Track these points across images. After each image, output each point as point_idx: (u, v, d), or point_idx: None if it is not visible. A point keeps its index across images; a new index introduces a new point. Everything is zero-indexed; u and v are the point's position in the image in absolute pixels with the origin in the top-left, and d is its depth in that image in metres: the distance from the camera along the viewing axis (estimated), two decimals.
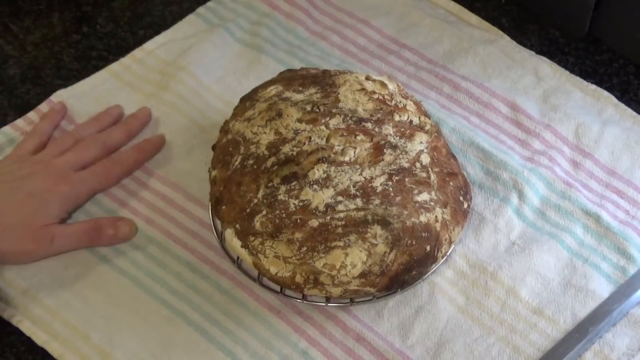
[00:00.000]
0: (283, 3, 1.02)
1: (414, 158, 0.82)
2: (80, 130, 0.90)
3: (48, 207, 0.82)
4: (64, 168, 0.84)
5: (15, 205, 0.81)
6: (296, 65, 0.94)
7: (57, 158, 0.85)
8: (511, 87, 0.94)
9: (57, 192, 0.83)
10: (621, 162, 0.88)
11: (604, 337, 0.78)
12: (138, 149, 0.89)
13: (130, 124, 0.91)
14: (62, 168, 0.84)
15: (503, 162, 0.87)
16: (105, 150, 0.88)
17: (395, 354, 0.78)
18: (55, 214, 0.82)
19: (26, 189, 0.82)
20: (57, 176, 0.83)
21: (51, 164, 0.85)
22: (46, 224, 0.81)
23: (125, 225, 0.84)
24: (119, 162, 0.88)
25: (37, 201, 0.81)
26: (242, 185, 0.81)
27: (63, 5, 1.04)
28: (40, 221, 0.81)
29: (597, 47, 0.99)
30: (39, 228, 0.81)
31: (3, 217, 0.80)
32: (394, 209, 0.78)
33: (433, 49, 0.97)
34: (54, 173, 0.84)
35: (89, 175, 0.85)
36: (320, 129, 0.82)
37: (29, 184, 0.82)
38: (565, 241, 0.84)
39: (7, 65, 0.99)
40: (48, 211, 0.82)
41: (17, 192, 0.81)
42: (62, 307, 0.81)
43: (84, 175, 0.85)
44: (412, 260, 0.78)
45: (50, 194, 0.82)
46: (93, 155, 0.87)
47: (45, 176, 0.83)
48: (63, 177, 0.84)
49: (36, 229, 0.81)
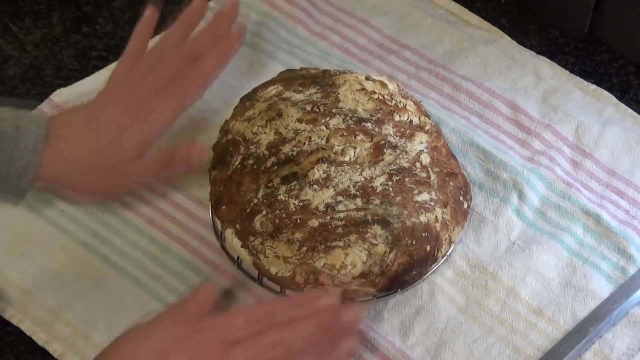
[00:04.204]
0: (283, 3, 1.02)
1: (414, 158, 0.82)
2: (165, 42, 0.84)
3: (124, 139, 0.78)
4: (146, 92, 0.80)
5: (91, 140, 0.77)
6: (296, 65, 0.94)
7: (141, 81, 0.81)
8: (511, 87, 0.94)
9: (134, 123, 0.79)
10: (621, 162, 0.88)
11: (604, 337, 0.78)
12: (218, 53, 0.83)
13: (217, 27, 0.84)
14: (143, 92, 0.80)
15: (503, 162, 0.87)
16: (190, 61, 0.82)
17: (396, 353, 0.78)
18: (133, 146, 0.79)
19: (104, 120, 0.78)
20: (136, 102, 0.79)
21: (132, 89, 0.80)
22: (119, 161, 0.78)
23: (197, 150, 0.82)
24: (199, 72, 0.82)
25: (113, 133, 0.78)
26: (242, 185, 0.81)
27: (63, 5, 1.04)
28: (115, 155, 0.78)
29: (597, 47, 0.98)
30: (113, 164, 0.78)
31: (78, 153, 0.77)
32: (394, 209, 0.78)
33: (433, 49, 0.97)
34: (134, 98, 0.79)
35: (169, 95, 0.80)
36: (320, 129, 0.82)
37: (108, 113, 0.78)
38: (566, 241, 0.84)
39: (7, 65, 0.99)
40: (124, 143, 0.78)
41: (95, 124, 0.78)
42: (63, 307, 0.81)
43: (163, 99, 0.80)
44: (412, 260, 0.78)
45: (127, 126, 0.78)
46: (175, 70, 0.81)
47: (125, 104, 0.79)
48: (142, 104, 0.79)
49: (111, 165, 0.78)
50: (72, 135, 0.78)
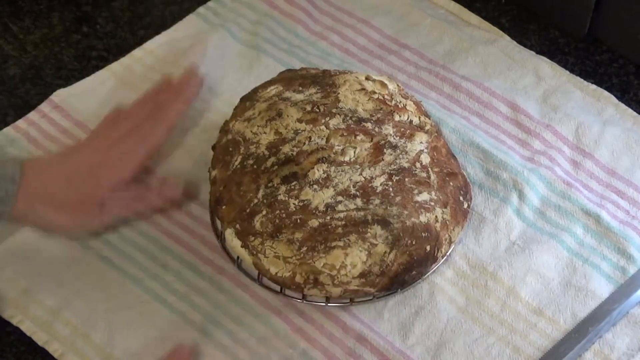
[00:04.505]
0: (283, 3, 1.02)
1: (414, 158, 0.82)
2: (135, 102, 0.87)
3: (97, 178, 0.80)
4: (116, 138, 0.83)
5: (64, 179, 0.80)
6: (296, 65, 0.94)
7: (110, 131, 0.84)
8: (511, 87, 0.94)
9: (106, 163, 0.81)
10: (621, 162, 0.88)
11: (604, 337, 0.78)
12: (177, 96, 0.86)
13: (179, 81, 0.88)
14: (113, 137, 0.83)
15: (503, 162, 0.87)
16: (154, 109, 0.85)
17: (396, 353, 0.78)
18: (106, 185, 0.81)
19: (77, 163, 0.81)
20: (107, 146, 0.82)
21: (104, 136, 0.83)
22: (94, 194, 0.80)
23: (172, 183, 0.84)
24: (162, 116, 0.84)
25: (85, 173, 0.80)
26: (242, 185, 0.81)
27: (63, 5, 1.04)
28: (87, 191, 0.80)
29: (597, 47, 0.99)
30: (86, 197, 0.80)
31: (51, 190, 0.79)
32: (394, 209, 0.78)
33: (433, 49, 0.97)
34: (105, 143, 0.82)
35: (137, 139, 0.83)
36: (320, 129, 0.82)
37: (80, 158, 0.81)
38: (565, 241, 0.84)
39: (7, 65, 0.99)
40: (97, 182, 0.80)
41: (68, 166, 0.81)
42: (63, 307, 0.81)
43: (132, 140, 0.83)
44: (412, 260, 0.78)
45: (98, 165, 0.81)
46: (143, 117, 0.84)
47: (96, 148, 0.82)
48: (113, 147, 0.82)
49: (84, 198, 0.80)
50: (46, 173, 0.80)
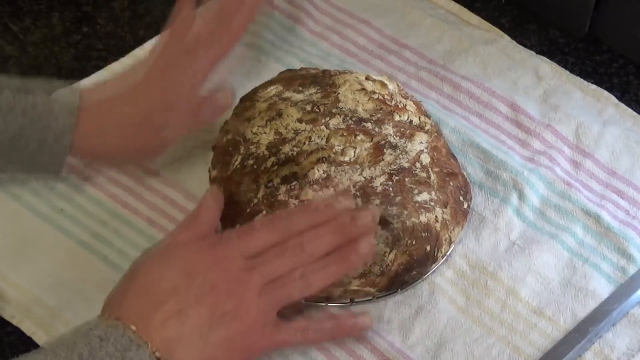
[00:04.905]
0: (283, 3, 1.02)
1: (414, 158, 0.82)
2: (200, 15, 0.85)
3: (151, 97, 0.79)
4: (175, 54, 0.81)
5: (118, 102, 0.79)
6: (296, 65, 0.94)
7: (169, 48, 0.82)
8: (511, 87, 0.94)
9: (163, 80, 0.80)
10: (621, 162, 0.88)
11: (604, 337, 0.78)
12: (246, 7, 0.84)
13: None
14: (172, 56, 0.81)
15: (503, 162, 0.87)
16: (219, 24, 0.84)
17: (396, 353, 0.78)
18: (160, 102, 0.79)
19: (131, 84, 0.80)
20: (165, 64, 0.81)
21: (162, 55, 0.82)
22: (149, 115, 0.79)
23: (225, 94, 0.82)
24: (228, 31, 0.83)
25: (139, 93, 0.79)
26: (242, 185, 0.81)
27: (63, 5, 1.04)
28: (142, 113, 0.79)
29: (597, 47, 0.99)
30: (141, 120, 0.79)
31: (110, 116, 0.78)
32: (394, 209, 0.78)
33: (433, 49, 0.97)
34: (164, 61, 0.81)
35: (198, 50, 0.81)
36: (320, 129, 0.82)
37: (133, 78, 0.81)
38: (565, 241, 0.84)
39: (7, 65, 0.99)
40: (151, 101, 0.79)
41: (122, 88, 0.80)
42: (63, 308, 0.81)
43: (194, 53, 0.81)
44: (412, 260, 0.78)
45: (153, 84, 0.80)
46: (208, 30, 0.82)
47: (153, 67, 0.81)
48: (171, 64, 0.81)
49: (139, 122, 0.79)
50: (103, 98, 0.79)
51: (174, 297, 0.67)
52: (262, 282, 0.70)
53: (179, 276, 0.68)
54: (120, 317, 0.66)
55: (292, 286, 0.70)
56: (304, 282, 0.71)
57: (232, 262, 0.70)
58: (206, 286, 0.68)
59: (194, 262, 0.69)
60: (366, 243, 0.72)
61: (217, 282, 0.69)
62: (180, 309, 0.67)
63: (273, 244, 0.71)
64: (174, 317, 0.67)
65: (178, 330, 0.66)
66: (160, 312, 0.66)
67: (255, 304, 0.69)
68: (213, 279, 0.68)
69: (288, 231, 0.71)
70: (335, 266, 0.72)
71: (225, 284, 0.69)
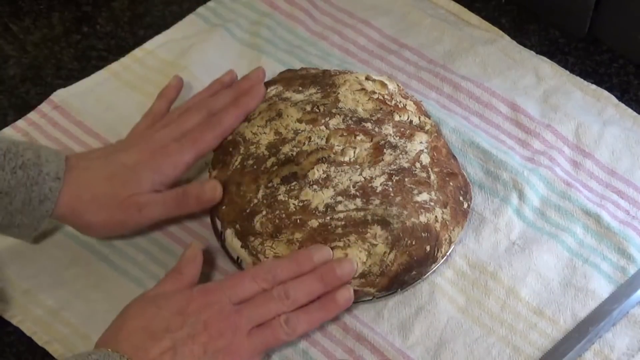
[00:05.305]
0: (283, 3, 1.02)
1: (413, 158, 0.82)
2: (190, 101, 0.87)
3: (140, 177, 0.80)
4: (164, 139, 0.82)
5: (106, 177, 0.79)
6: (296, 65, 0.94)
7: (159, 131, 0.83)
8: (511, 87, 0.94)
9: (151, 163, 0.81)
10: (621, 162, 0.88)
11: (604, 337, 0.78)
12: (236, 105, 0.85)
13: (239, 87, 0.87)
14: (161, 140, 0.82)
15: (503, 162, 0.87)
16: (209, 115, 0.85)
17: (396, 353, 0.78)
18: (148, 185, 0.80)
19: (120, 161, 0.80)
20: (154, 148, 0.81)
21: (151, 138, 0.83)
22: (135, 193, 0.80)
23: (210, 188, 0.82)
24: (217, 123, 0.84)
25: (128, 172, 0.80)
26: (242, 186, 0.81)
27: (63, 5, 1.04)
28: (129, 191, 0.79)
29: (597, 47, 0.99)
30: (127, 197, 0.79)
31: (93, 188, 0.79)
32: (393, 209, 0.78)
33: (433, 49, 0.97)
34: (152, 145, 0.82)
35: (186, 142, 0.82)
36: (320, 129, 0.82)
37: (124, 156, 0.81)
38: (566, 241, 0.84)
39: (7, 65, 0.99)
40: (139, 182, 0.80)
41: (111, 164, 0.80)
42: (63, 308, 0.81)
43: (181, 143, 0.82)
44: (412, 260, 0.78)
45: (143, 165, 0.80)
46: (195, 122, 0.84)
47: (142, 148, 0.81)
48: (160, 148, 0.81)
49: (124, 199, 0.79)
50: (88, 170, 0.80)
51: (169, 334, 0.71)
52: (250, 325, 0.74)
53: (173, 316, 0.72)
54: (117, 350, 0.69)
55: (279, 331, 0.74)
56: (289, 327, 0.75)
57: (223, 305, 0.74)
58: (199, 325, 0.72)
59: (186, 304, 0.73)
60: (344, 293, 0.77)
61: (210, 322, 0.72)
62: (174, 345, 0.71)
63: (259, 291, 0.75)
64: (169, 352, 0.70)
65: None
66: (156, 347, 0.70)
67: (245, 344, 0.73)
68: (205, 320, 0.72)
69: (273, 280, 0.76)
70: (317, 314, 0.76)
71: (217, 324, 0.73)
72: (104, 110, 0.94)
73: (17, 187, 0.76)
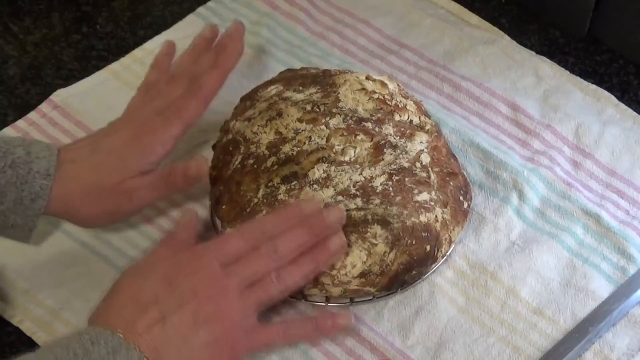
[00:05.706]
0: (283, 3, 1.02)
1: (414, 158, 0.82)
2: (175, 68, 0.86)
3: (126, 163, 0.79)
4: (148, 115, 0.81)
5: (92, 167, 0.79)
6: (296, 65, 0.94)
7: (143, 109, 0.82)
8: (511, 87, 0.94)
9: (137, 145, 0.80)
10: (621, 162, 0.88)
11: (604, 337, 0.78)
12: (215, 65, 0.84)
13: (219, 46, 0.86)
14: (145, 116, 0.81)
15: (503, 162, 0.87)
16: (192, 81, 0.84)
17: (396, 353, 0.78)
18: (136, 169, 0.79)
19: (106, 148, 0.79)
20: (138, 127, 0.80)
21: (135, 116, 0.82)
22: (123, 180, 0.79)
23: (197, 164, 0.81)
24: (198, 88, 0.83)
25: (114, 159, 0.79)
26: (242, 185, 0.81)
27: (63, 5, 1.04)
28: (116, 178, 0.79)
29: (597, 47, 0.99)
30: (115, 185, 0.79)
31: (81, 181, 0.78)
32: (394, 209, 0.78)
33: (433, 49, 0.97)
34: (136, 124, 0.81)
35: (171, 115, 0.81)
36: (320, 128, 0.82)
37: (109, 142, 0.80)
38: (566, 241, 0.84)
39: (7, 65, 0.99)
40: (126, 167, 0.79)
41: (96, 153, 0.79)
42: (63, 307, 0.81)
43: (166, 116, 0.81)
44: (412, 260, 0.78)
45: (129, 148, 0.79)
46: (180, 92, 0.83)
47: (127, 130, 0.80)
48: (144, 127, 0.81)
49: (112, 187, 0.79)
50: (75, 163, 0.79)
51: (156, 305, 0.69)
52: (241, 286, 0.72)
53: (160, 286, 0.71)
54: (107, 326, 0.68)
55: (270, 287, 0.73)
56: (281, 283, 0.73)
57: (211, 269, 0.72)
58: (187, 293, 0.70)
59: (174, 272, 0.72)
60: (336, 240, 0.75)
61: (198, 288, 0.71)
62: (163, 316, 0.69)
63: (248, 250, 0.73)
64: (159, 323, 0.68)
65: (163, 335, 0.68)
66: (144, 319, 0.68)
67: (236, 306, 0.71)
68: (193, 286, 0.71)
69: (261, 236, 0.74)
70: (309, 265, 0.74)
71: (206, 290, 0.71)
72: (104, 110, 0.93)
73: (7, 187, 0.76)
